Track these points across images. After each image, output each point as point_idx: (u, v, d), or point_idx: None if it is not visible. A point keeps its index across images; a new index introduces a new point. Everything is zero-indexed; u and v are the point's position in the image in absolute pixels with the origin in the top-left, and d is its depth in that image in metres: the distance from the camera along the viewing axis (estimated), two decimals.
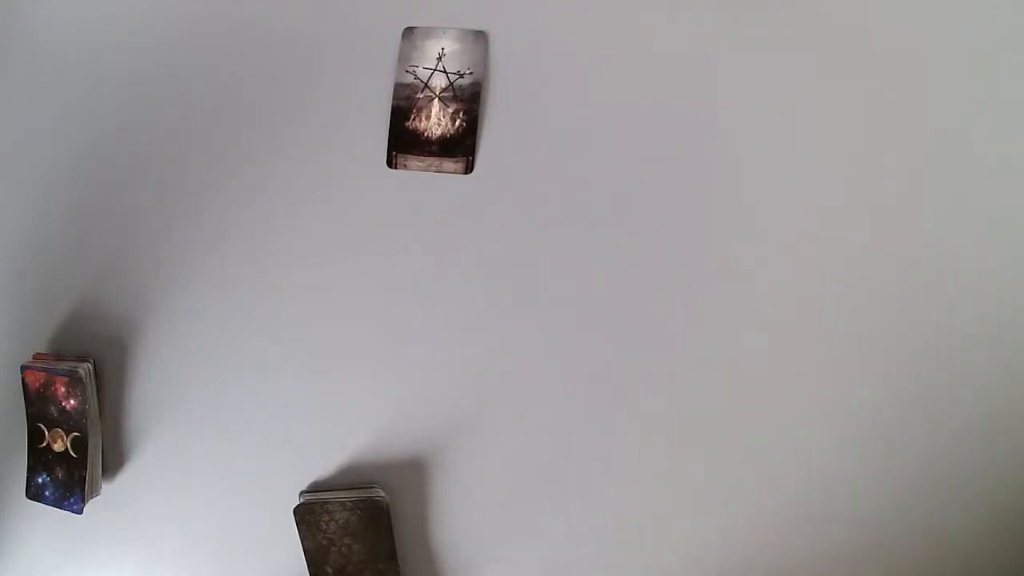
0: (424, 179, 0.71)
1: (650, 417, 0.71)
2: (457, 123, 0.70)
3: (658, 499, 0.72)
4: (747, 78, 0.68)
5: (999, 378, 0.68)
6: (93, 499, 0.75)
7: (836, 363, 0.69)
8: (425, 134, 0.70)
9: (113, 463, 0.76)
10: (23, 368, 0.73)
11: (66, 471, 0.73)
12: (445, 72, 0.70)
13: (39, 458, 0.74)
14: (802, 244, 0.68)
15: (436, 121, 0.70)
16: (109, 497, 0.76)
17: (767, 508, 0.71)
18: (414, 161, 0.71)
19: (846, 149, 0.67)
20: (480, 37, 0.69)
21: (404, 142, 0.71)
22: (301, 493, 0.73)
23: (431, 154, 0.71)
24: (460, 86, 0.70)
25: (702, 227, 0.69)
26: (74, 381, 0.71)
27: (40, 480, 0.74)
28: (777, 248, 0.68)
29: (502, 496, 0.73)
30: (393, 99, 0.71)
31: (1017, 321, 0.67)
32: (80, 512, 0.73)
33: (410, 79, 0.70)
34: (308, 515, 0.70)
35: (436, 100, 0.70)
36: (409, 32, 0.70)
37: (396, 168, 0.71)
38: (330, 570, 0.71)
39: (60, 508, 0.73)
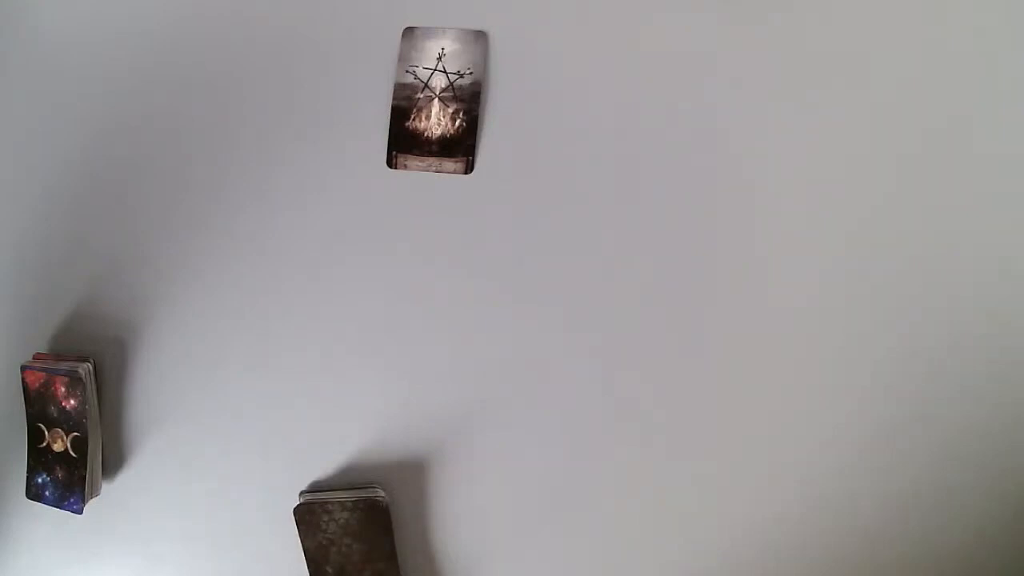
0: (424, 179, 0.71)
1: (651, 418, 0.71)
2: (457, 123, 0.70)
3: (658, 499, 0.72)
4: (747, 78, 0.68)
5: (1000, 379, 0.68)
6: (93, 499, 0.75)
7: (835, 365, 0.69)
8: (425, 134, 0.70)
9: (113, 463, 0.76)
10: (23, 368, 0.73)
11: (66, 471, 0.73)
12: (445, 72, 0.70)
13: (39, 458, 0.74)
14: (802, 245, 0.68)
15: (436, 121, 0.70)
16: (109, 497, 0.76)
17: (767, 510, 0.71)
18: (414, 161, 0.71)
19: (846, 149, 0.67)
20: (480, 37, 0.69)
21: (404, 142, 0.71)
22: (301, 493, 0.73)
23: (431, 154, 0.71)
24: (460, 86, 0.70)
25: (703, 227, 0.69)
26: (74, 381, 0.71)
27: (40, 480, 0.74)
28: (777, 249, 0.68)
29: (502, 496, 0.73)
30: (393, 99, 0.71)
31: (1018, 321, 0.67)
32: (80, 512, 0.73)
33: (410, 79, 0.70)
34: (308, 515, 0.70)
35: (436, 100, 0.70)
36: (409, 32, 0.70)
37: (396, 168, 0.71)
38: (330, 570, 0.71)
39: (60, 508, 0.73)
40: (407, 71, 0.70)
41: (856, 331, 0.69)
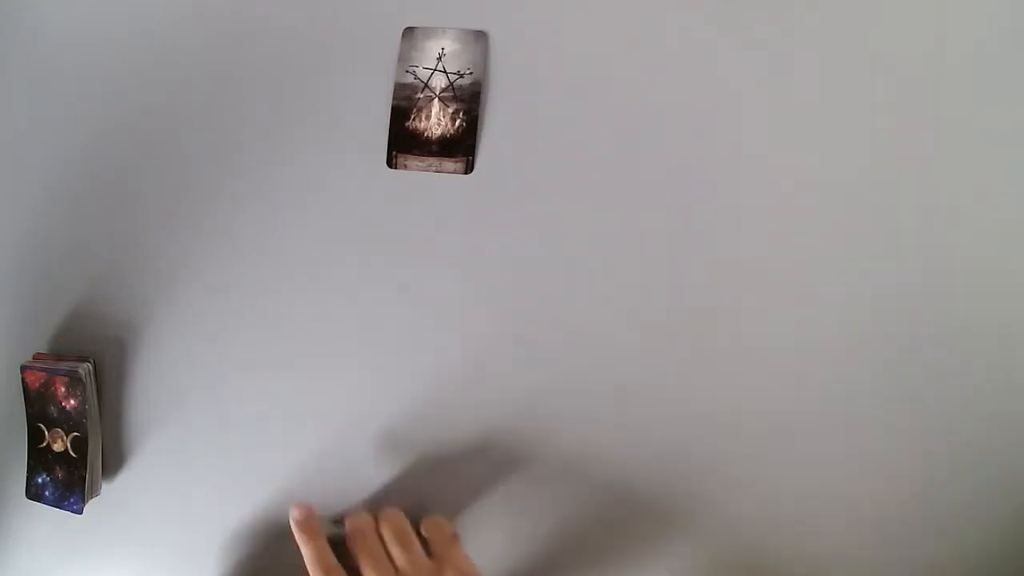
0: (424, 179, 0.71)
1: (651, 418, 0.71)
2: (457, 123, 0.70)
3: (659, 502, 0.72)
4: (749, 78, 0.68)
5: (1001, 381, 0.68)
6: (93, 499, 0.75)
7: (835, 365, 0.69)
8: (425, 134, 0.70)
9: (113, 463, 0.76)
10: (23, 368, 0.73)
11: (66, 471, 0.73)
12: (445, 72, 0.70)
13: (39, 458, 0.74)
14: (802, 247, 0.68)
15: (436, 121, 0.70)
16: (109, 497, 0.76)
17: (767, 515, 0.71)
18: (414, 161, 0.71)
19: (847, 148, 0.67)
20: (480, 37, 0.69)
21: (404, 142, 0.71)
22: None
23: (431, 154, 0.71)
24: (460, 86, 0.70)
25: (703, 227, 0.69)
26: (74, 381, 0.71)
27: (40, 480, 0.74)
28: (777, 250, 0.68)
29: (502, 497, 0.73)
30: (393, 99, 0.71)
31: (1018, 320, 0.67)
32: (80, 512, 0.73)
33: (410, 79, 0.70)
34: None
35: (436, 100, 0.70)
36: (409, 32, 0.70)
37: (396, 168, 0.71)
38: None
39: (60, 508, 0.73)
40: (407, 71, 0.70)
41: (856, 331, 0.68)
